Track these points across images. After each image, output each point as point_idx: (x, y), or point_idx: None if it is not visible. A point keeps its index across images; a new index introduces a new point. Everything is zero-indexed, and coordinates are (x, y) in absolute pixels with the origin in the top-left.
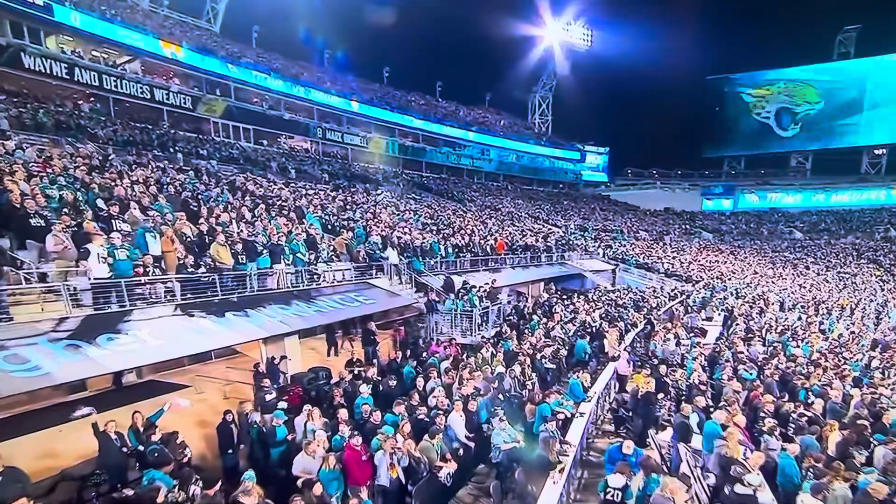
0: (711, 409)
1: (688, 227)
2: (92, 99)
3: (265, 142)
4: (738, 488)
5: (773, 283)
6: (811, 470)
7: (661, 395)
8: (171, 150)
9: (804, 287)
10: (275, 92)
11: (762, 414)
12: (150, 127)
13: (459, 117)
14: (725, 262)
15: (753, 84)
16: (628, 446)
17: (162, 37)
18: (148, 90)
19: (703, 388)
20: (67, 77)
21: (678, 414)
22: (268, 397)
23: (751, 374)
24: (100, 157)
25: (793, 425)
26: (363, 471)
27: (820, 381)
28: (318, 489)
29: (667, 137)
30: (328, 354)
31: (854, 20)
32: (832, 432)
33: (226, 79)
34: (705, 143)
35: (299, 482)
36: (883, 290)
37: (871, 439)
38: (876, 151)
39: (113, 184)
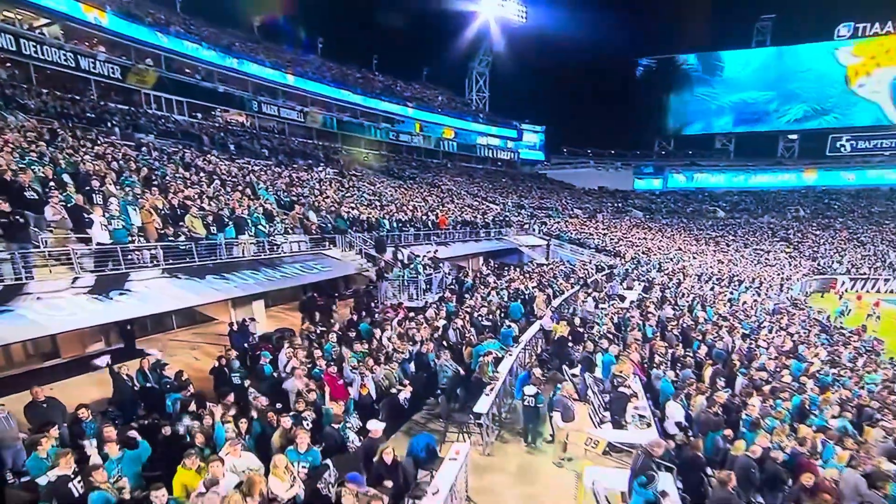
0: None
1: (620, 205)
2: (8, 64)
3: (199, 115)
4: (620, 390)
5: (694, 258)
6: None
7: (571, 344)
8: (109, 123)
9: (722, 262)
10: (207, 63)
11: (657, 356)
12: (79, 98)
13: (397, 92)
14: (653, 238)
15: (675, 67)
16: (536, 373)
17: None
18: (72, 58)
19: (610, 336)
20: None
21: (584, 351)
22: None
23: (652, 328)
24: (47, 131)
25: (680, 364)
26: (339, 390)
27: (713, 336)
28: (312, 396)
29: (601, 117)
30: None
31: (770, 10)
32: (707, 369)
33: (156, 48)
34: (635, 123)
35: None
36: (790, 265)
37: (737, 373)
38: (790, 136)
39: (78, 159)
